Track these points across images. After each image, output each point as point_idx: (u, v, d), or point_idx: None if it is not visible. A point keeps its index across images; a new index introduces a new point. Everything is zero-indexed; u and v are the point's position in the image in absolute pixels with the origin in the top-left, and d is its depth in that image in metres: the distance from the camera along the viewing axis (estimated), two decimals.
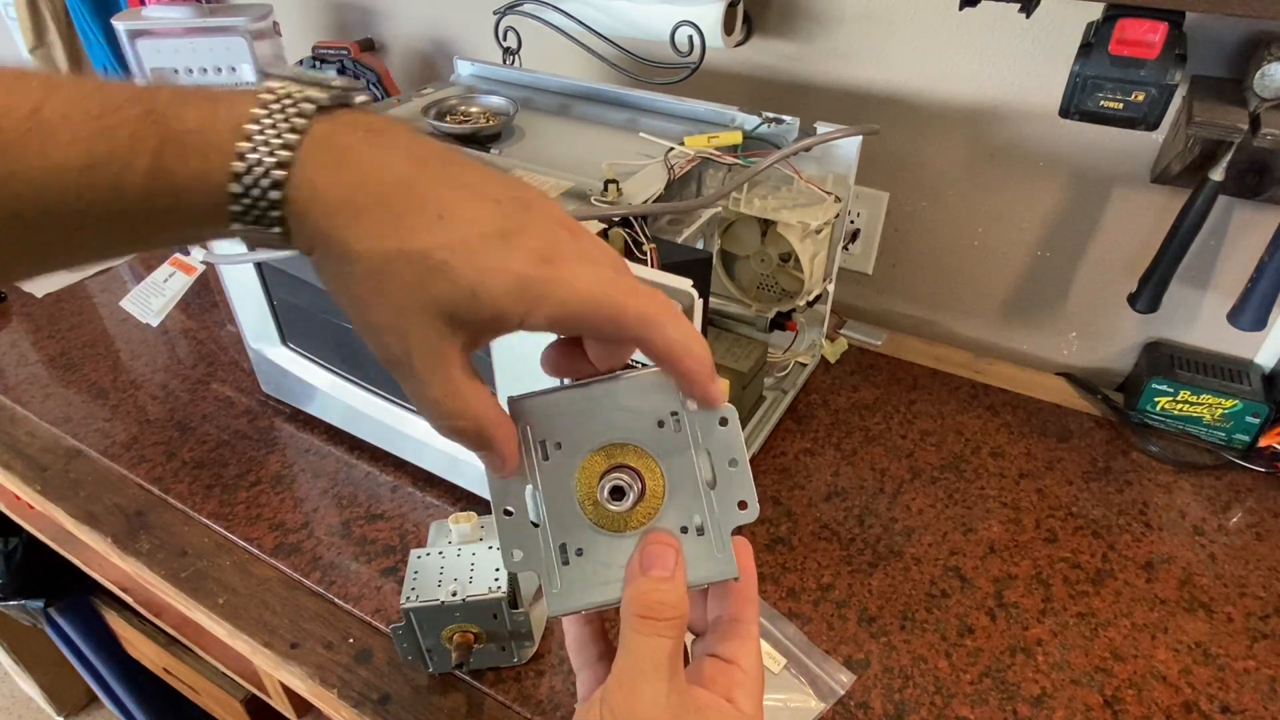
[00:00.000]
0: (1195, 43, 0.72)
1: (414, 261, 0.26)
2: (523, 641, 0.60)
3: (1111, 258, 0.88)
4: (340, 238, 0.26)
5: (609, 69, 0.97)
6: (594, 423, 0.34)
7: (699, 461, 0.33)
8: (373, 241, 0.26)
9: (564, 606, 0.34)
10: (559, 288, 0.28)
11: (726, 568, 0.33)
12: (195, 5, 1.09)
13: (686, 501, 0.34)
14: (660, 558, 0.32)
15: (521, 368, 0.61)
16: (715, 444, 0.33)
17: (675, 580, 0.31)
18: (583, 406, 0.34)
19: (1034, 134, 0.85)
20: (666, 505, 0.34)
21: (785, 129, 0.76)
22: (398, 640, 0.59)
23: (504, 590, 0.56)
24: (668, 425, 0.33)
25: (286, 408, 0.87)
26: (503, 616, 0.57)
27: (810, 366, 0.91)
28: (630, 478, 0.33)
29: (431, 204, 0.27)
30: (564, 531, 0.34)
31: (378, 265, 0.26)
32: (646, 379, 0.33)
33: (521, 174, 0.67)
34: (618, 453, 0.34)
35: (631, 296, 0.29)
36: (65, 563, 1.04)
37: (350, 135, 0.27)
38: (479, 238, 0.27)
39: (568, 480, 0.34)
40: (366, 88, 1.10)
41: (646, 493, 0.33)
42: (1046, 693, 0.60)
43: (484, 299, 0.27)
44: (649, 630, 0.30)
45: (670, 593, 0.31)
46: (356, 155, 0.27)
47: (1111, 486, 0.78)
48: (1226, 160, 0.70)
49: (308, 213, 0.26)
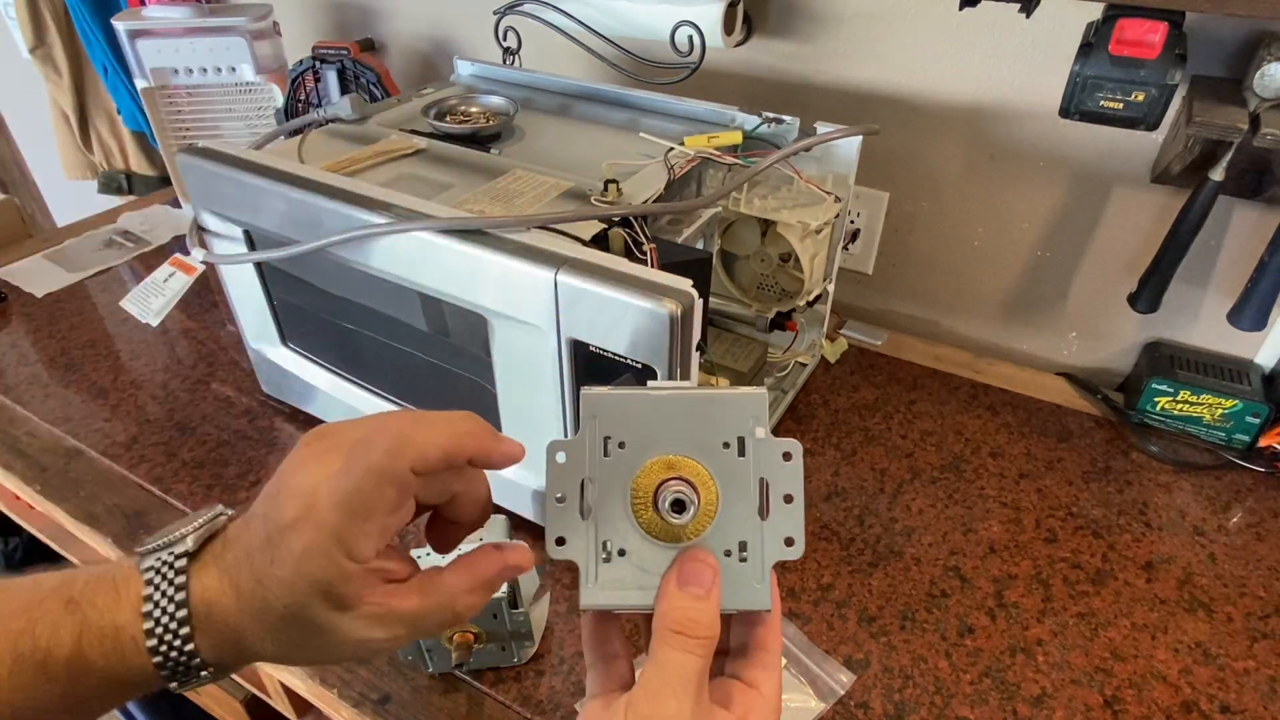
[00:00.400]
0: (1195, 43, 0.72)
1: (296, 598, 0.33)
2: (523, 642, 0.60)
3: (1111, 258, 0.88)
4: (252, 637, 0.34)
5: (609, 69, 0.97)
6: (664, 430, 0.34)
7: (755, 490, 0.34)
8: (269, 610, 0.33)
9: (595, 601, 0.34)
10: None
11: (761, 598, 0.33)
12: (195, 5, 1.09)
13: (736, 526, 0.34)
14: (698, 576, 0.32)
15: (522, 368, 0.61)
16: (775, 476, 0.34)
17: (710, 601, 0.32)
18: (655, 412, 0.34)
19: (1034, 134, 0.85)
20: (716, 526, 0.34)
21: (785, 129, 0.76)
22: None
23: (504, 590, 0.56)
24: (733, 448, 0.34)
25: (286, 408, 0.87)
26: (503, 616, 0.57)
27: (810, 366, 0.91)
28: (690, 491, 0.33)
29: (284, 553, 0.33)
30: (610, 529, 0.34)
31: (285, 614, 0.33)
32: (725, 398, 0.34)
33: (521, 174, 0.68)
34: (680, 465, 0.34)
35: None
36: (65, 563, 1.04)
37: (221, 584, 0.33)
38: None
39: (625, 480, 0.34)
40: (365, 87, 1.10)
41: (700, 510, 0.34)
42: (1046, 693, 0.60)
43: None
44: (680, 646, 0.31)
45: (704, 612, 0.32)
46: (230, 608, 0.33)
47: (1111, 486, 0.78)
48: (1226, 160, 0.70)
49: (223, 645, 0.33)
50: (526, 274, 0.54)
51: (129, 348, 0.97)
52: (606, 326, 0.53)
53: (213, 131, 1.12)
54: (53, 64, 1.46)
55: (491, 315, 0.60)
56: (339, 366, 0.79)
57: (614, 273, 0.53)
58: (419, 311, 0.66)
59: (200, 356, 0.95)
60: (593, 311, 0.53)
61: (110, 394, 0.89)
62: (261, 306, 0.78)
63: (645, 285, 0.51)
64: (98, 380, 0.91)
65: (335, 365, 0.79)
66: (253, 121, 1.11)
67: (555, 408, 0.61)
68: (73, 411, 0.87)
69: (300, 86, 1.12)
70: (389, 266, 0.62)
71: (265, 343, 0.82)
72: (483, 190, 0.65)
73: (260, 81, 1.08)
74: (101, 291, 1.08)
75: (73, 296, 1.06)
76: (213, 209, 0.72)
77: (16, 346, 0.97)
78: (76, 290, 1.08)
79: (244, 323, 0.82)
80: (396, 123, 0.79)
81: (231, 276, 0.78)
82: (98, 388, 0.90)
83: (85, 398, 0.89)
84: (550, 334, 0.56)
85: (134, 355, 0.96)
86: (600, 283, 0.52)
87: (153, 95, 1.08)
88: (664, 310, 0.50)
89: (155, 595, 0.32)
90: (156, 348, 0.97)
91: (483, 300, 0.59)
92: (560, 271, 0.53)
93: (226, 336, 0.98)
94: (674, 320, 0.50)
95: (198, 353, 0.96)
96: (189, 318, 1.02)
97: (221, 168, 0.67)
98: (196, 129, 1.11)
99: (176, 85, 1.07)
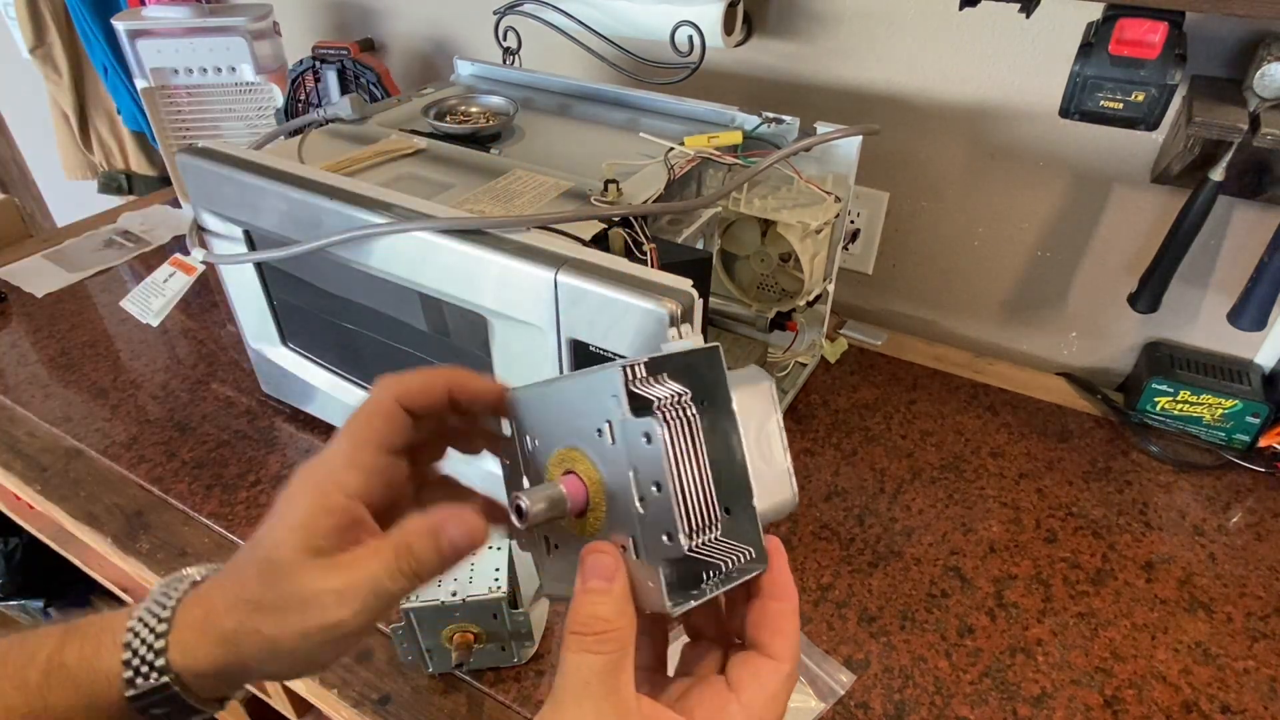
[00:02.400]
0: (1195, 43, 0.72)
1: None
2: (523, 641, 0.60)
3: (1111, 258, 0.88)
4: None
5: (609, 69, 0.97)
6: (556, 422, 0.32)
7: (631, 479, 0.29)
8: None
9: (547, 591, 0.34)
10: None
11: (655, 600, 0.29)
12: (195, 5, 1.09)
13: (622, 521, 0.30)
14: (598, 568, 0.30)
15: (522, 368, 0.61)
16: (642, 462, 0.29)
17: (612, 593, 0.30)
18: (549, 403, 0.32)
19: (1034, 134, 0.85)
20: (607, 521, 0.31)
21: (785, 129, 0.76)
22: (398, 641, 0.59)
23: (504, 590, 0.56)
24: (605, 434, 0.30)
25: (286, 408, 0.87)
26: (503, 616, 0.57)
27: (810, 366, 0.91)
28: (550, 493, 0.31)
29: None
30: (546, 525, 0.33)
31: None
32: (590, 379, 0.30)
33: (521, 174, 0.68)
34: (570, 458, 0.32)
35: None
36: (65, 563, 1.04)
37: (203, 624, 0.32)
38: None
39: (545, 477, 0.33)
40: (365, 87, 1.10)
41: (590, 502, 0.31)
42: (1046, 693, 0.60)
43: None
44: (578, 646, 0.29)
45: (604, 605, 0.29)
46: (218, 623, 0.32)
47: (1111, 486, 0.78)
48: (1226, 160, 0.70)
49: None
50: (526, 274, 0.54)
51: (129, 348, 0.97)
52: (606, 326, 0.53)
53: (213, 131, 1.12)
54: (53, 64, 1.46)
55: (491, 315, 0.60)
56: (339, 366, 0.79)
57: (614, 273, 0.53)
58: (419, 311, 0.66)
59: (200, 356, 0.95)
60: (593, 311, 0.53)
61: (110, 394, 0.89)
62: (261, 306, 0.78)
63: (645, 285, 0.51)
64: (98, 380, 0.91)
65: (335, 365, 0.79)
66: (253, 121, 1.11)
67: None
68: (73, 411, 0.87)
69: (300, 86, 1.12)
70: (389, 266, 0.62)
71: (265, 343, 0.82)
72: (483, 190, 0.65)
73: (260, 81, 1.08)
74: (101, 291, 1.08)
75: (73, 296, 1.06)
76: (213, 209, 0.72)
77: (16, 346, 0.97)
78: (76, 290, 1.08)
79: (244, 323, 0.82)
80: (396, 123, 0.79)
81: (231, 276, 0.78)
82: (98, 388, 0.90)
83: (85, 398, 0.89)
84: (550, 334, 0.56)
85: (134, 355, 0.96)
86: (600, 283, 0.52)
87: (153, 95, 1.08)
88: (664, 310, 0.50)
89: (137, 627, 0.32)
90: (156, 348, 0.97)
91: (483, 300, 0.59)
92: (560, 271, 0.53)
93: (226, 336, 0.98)
94: (674, 320, 0.50)
95: (198, 353, 0.96)
96: (189, 318, 1.02)
97: (221, 168, 0.67)
98: (196, 129, 1.11)
99: (176, 85, 1.07)
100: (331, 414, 0.82)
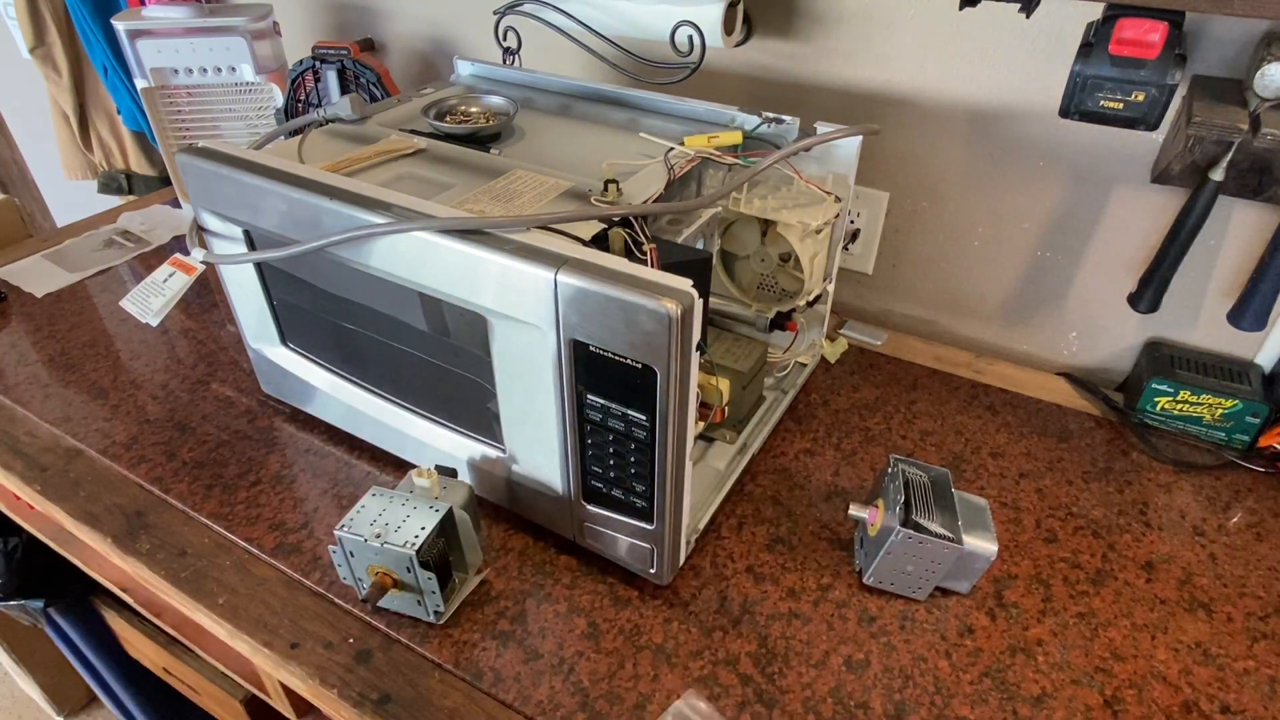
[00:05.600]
0: (1195, 43, 0.72)
1: None
2: (434, 602, 0.63)
3: (1111, 258, 0.88)
4: None
5: (609, 69, 0.97)
6: None
7: None
8: None
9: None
10: None
11: None
12: (195, 5, 1.09)
13: None
14: None
15: (522, 368, 0.61)
16: None
17: None
18: None
19: (1034, 134, 0.85)
20: None
21: (785, 129, 0.76)
22: (335, 560, 0.63)
23: (414, 549, 0.59)
24: None
25: (286, 408, 0.87)
26: (415, 572, 0.60)
27: (810, 366, 0.91)
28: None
29: None
30: None
31: None
32: None
33: (521, 174, 0.68)
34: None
35: None
36: (65, 563, 1.04)
37: None
38: None
39: None
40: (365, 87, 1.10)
41: None
42: (1046, 693, 0.60)
43: None
44: None
45: None
46: None
47: (1111, 486, 0.78)
48: (1227, 160, 0.70)
49: None
50: (526, 274, 0.54)
51: (129, 348, 0.97)
52: (606, 326, 0.53)
53: (213, 131, 1.12)
54: (53, 64, 1.46)
55: (491, 315, 0.60)
56: (339, 366, 0.79)
57: (614, 273, 0.53)
58: (419, 311, 0.66)
59: (200, 356, 0.95)
60: (593, 311, 0.53)
61: (110, 394, 0.89)
62: (261, 306, 0.78)
63: (645, 285, 0.51)
64: (98, 380, 0.91)
65: (335, 365, 0.79)
66: (253, 121, 1.12)
67: (555, 408, 0.61)
68: (73, 411, 0.87)
69: (300, 86, 1.12)
70: (389, 266, 0.62)
71: (265, 343, 0.82)
72: (483, 190, 0.65)
73: (260, 81, 1.08)
74: (101, 291, 1.08)
75: (72, 296, 1.06)
76: (213, 209, 0.72)
77: (16, 346, 0.97)
78: (76, 290, 1.08)
79: (244, 323, 0.82)
80: (396, 123, 0.79)
81: (231, 276, 0.78)
82: (98, 388, 0.90)
83: (85, 398, 0.89)
84: (550, 334, 0.56)
85: (134, 355, 0.96)
86: (600, 283, 0.52)
87: (153, 95, 1.08)
88: (664, 310, 0.50)
89: None
90: (156, 348, 0.97)
91: (482, 300, 0.59)
92: (560, 271, 0.53)
93: (226, 336, 0.98)
94: (674, 320, 0.50)
95: (198, 353, 0.96)
96: (189, 318, 1.02)
97: (221, 168, 0.67)
98: (196, 129, 1.11)
99: (176, 85, 1.08)
100: (331, 414, 0.82)
